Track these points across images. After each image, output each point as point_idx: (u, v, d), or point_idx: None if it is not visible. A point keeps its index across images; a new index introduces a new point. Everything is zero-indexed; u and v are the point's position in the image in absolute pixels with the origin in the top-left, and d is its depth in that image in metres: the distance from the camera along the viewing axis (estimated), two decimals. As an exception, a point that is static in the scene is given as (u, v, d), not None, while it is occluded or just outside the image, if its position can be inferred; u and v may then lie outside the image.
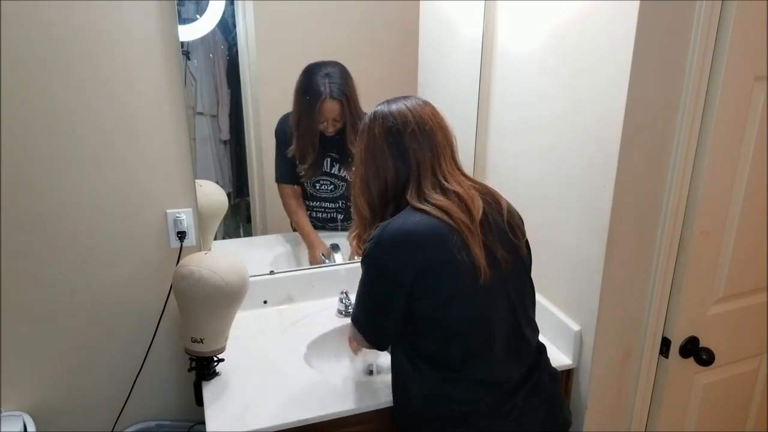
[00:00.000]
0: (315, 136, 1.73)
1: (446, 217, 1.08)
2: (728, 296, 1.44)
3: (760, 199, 1.38)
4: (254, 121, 1.75)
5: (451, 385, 1.13)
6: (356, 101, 1.70)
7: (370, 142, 1.15)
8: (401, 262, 1.08)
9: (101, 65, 1.31)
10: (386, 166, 1.14)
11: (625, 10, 1.14)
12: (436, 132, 1.14)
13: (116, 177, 1.40)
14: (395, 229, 1.09)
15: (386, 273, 1.11)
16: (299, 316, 1.64)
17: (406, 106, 1.15)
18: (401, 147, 1.13)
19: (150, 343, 1.52)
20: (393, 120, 1.13)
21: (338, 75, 1.68)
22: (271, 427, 1.21)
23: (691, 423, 1.57)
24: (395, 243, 1.09)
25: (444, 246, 1.07)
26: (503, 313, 1.14)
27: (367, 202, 1.17)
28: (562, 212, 1.42)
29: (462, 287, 1.09)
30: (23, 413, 1.43)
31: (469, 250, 1.07)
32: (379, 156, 1.14)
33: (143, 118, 1.38)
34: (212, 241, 1.65)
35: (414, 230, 1.08)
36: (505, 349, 1.14)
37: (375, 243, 1.10)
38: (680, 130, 1.23)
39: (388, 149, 1.13)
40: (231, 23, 1.64)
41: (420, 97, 1.19)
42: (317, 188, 1.82)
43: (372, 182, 1.16)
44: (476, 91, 1.66)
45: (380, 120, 1.14)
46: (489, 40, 1.62)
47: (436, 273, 1.08)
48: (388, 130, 1.13)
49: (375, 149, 1.14)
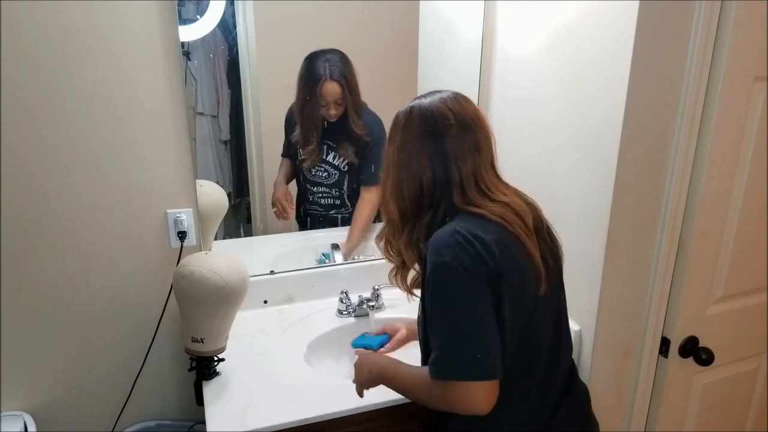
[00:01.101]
0: (317, 121, 1.74)
1: (505, 223, 0.99)
2: (728, 296, 1.44)
3: (759, 199, 1.38)
4: (254, 121, 1.75)
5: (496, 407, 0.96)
6: (356, 85, 1.71)
7: (407, 142, 1.03)
8: (477, 261, 0.93)
9: (101, 66, 1.31)
10: (423, 171, 1.01)
11: (625, 10, 1.15)
12: (479, 135, 1.03)
13: (116, 177, 1.40)
14: (458, 230, 0.95)
15: (466, 280, 0.93)
16: (299, 316, 1.64)
17: (446, 104, 1.03)
18: (441, 150, 1.01)
19: (150, 343, 1.53)
20: (433, 120, 1.01)
21: (338, 59, 1.70)
22: (271, 427, 1.21)
23: (691, 423, 1.57)
24: (465, 240, 0.94)
25: (509, 252, 0.97)
26: (551, 332, 1.06)
27: (398, 206, 1.05)
28: (562, 212, 1.42)
29: (526, 297, 0.99)
30: (23, 413, 1.43)
31: (531, 258, 0.99)
32: (415, 158, 1.02)
33: (143, 119, 1.38)
34: (212, 241, 1.65)
35: (479, 233, 0.95)
36: (547, 369, 1.06)
37: (439, 247, 0.95)
38: (680, 130, 1.23)
39: (427, 153, 1.01)
40: (231, 23, 1.64)
41: (455, 90, 1.08)
42: (313, 173, 1.83)
43: (405, 186, 1.03)
44: (476, 91, 1.66)
45: (417, 119, 1.02)
46: (489, 41, 1.62)
47: (508, 283, 0.95)
48: (427, 131, 1.02)
49: (411, 151, 1.02)
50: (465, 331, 0.93)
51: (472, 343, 0.93)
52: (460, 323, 0.94)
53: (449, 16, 1.74)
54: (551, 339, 1.07)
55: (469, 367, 0.92)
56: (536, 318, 1.02)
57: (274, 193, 1.83)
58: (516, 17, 1.51)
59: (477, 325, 0.93)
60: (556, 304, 1.10)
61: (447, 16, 1.75)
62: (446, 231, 0.97)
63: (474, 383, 0.92)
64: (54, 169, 1.35)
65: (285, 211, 1.83)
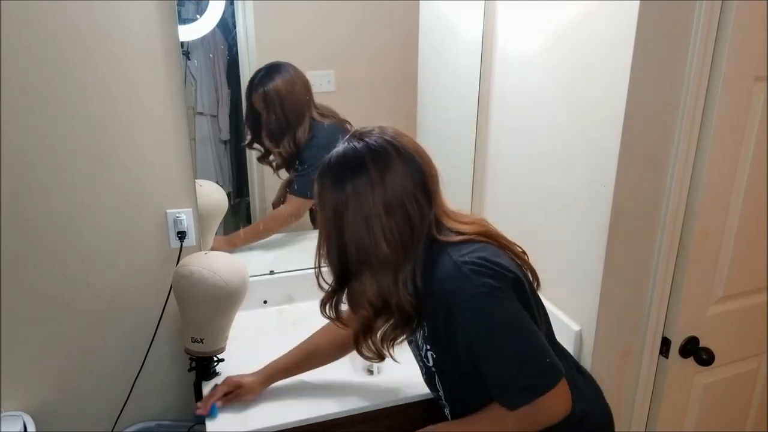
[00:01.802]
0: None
1: (487, 239, 1.00)
2: (728, 296, 1.44)
3: (760, 199, 1.38)
4: (254, 121, 1.75)
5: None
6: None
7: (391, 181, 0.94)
8: (499, 278, 0.93)
9: (101, 65, 1.31)
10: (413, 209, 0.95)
11: (625, 10, 1.14)
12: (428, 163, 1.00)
13: (116, 177, 1.40)
14: (462, 260, 0.93)
15: (500, 299, 0.92)
16: (299, 316, 1.64)
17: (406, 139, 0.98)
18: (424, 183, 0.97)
19: (150, 343, 1.52)
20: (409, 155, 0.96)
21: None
22: (271, 427, 1.21)
23: (691, 423, 1.57)
24: (477, 266, 0.92)
25: (507, 261, 0.98)
26: (547, 324, 1.11)
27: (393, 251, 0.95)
28: (562, 212, 1.42)
29: (532, 304, 1.01)
30: (23, 413, 1.43)
31: (522, 260, 1.05)
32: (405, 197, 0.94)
33: (143, 118, 1.38)
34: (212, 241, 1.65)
35: (481, 253, 0.94)
36: (568, 358, 1.15)
37: (461, 284, 0.92)
38: (680, 131, 1.23)
39: (413, 189, 0.95)
40: (231, 23, 1.64)
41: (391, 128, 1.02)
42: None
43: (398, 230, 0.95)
44: (476, 91, 1.66)
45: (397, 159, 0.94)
46: (489, 41, 1.62)
47: (524, 284, 0.98)
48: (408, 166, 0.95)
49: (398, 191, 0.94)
50: (528, 346, 0.93)
51: (539, 354, 0.93)
52: (522, 341, 0.93)
53: (449, 16, 1.74)
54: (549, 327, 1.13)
55: (547, 377, 0.93)
56: (543, 309, 1.08)
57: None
58: (516, 17, 1.51)
59: (534, 334, 0.94)
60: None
61: (447, 16, 1.75)
62: (449, 268, 0.93)
63: (556, 388, 0.93)
64: (53, 168, 1.35)
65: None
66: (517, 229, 1.59)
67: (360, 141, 0.96)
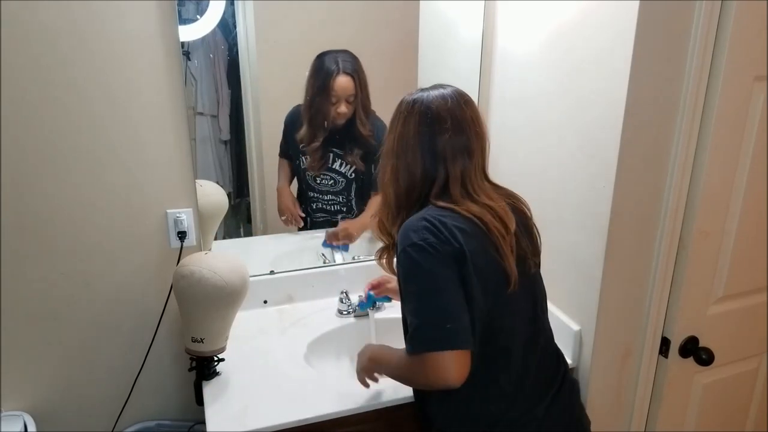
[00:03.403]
0: (326, 118, 1.73)
1: (479, 222, 1.03)
2: (728, 296, 1.44)
3: (760, 199, 1.38)
4: (254, 121, 1.75)
5: (471, 395, 1.07)
6: (366, 83, 1.71)
7: (404, 134, 1.08)
8: (443, 241, 0.99)
9: (101, 65, 1.31)
10: (416, 165, 1.07)
11: (625, 10, 1.15)
12: (472, 140, 1.08)
13: (116, 177, 1.40)
14: (426, 216, 1.02)
15: (433, 256, 0.98)
16: (299, 316, 1.64)
17: (447, 105, 1.07)
18: (433, 149, 1.06)
19: (150, 343, 1.52)
20: (430, 120, 1.06)
21: (349, 57, 1.70)
22: (271, 427, 1.21)
23: (691, 423, 1.57)
24: (431, 225, 1.00)
25: (478, 241, 1.02)
26: (525, 320, 1.11)
27: (395, 192, 1.11)
28: (562, 212, 1.42)
29: (496, 289, 1.04)
30: (23, 413, 1.43)
31: (503, 258, 1.04)
32: (410, 152, 1.07)
33: (143, 118, 1.38)
34: (212, 241, 1.65)
35: (446, 220, 1.01)
36: (523, 358, 1.10)
37: (409, 235, 1.01)
38: (680, 130, 1.23)
39: (420, 148, 1.07)
40: (231, 23, 1.64)
41: (457, 89, 1.12)
42: (318, 182, 1.83)
43: (401, 175, 1.09)
44: (476, 91, 1.66)
45: (417, 116, 1.07)
46: (489, 40, 1.63)
47: (473, 264, 1.00)
48: (423, 129, 1.06)
49: (407, 144, 1.08)
50: (435, 304, 0.99)
51: (442, 315, 0.97)
52: (430, 297, 0.99)
53: (449, 16, 1.74)
54: (526, 328, 1.11)
55: (440, 338, 0.96)
56: (506, 310, 1.06)
57: (282, 201, 1.82)
58: (516, 17, 1.51)
59: (448, 299, 0.98)
60: (531, 296, 1.14)
61: (447, 16, 1.75)
62: (414, 218, 1.04)
63: (446, 354, 0.96)
64: (54, 168, 1.35)
65: (296, 219, 1.82)
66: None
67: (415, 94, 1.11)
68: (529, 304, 1.13)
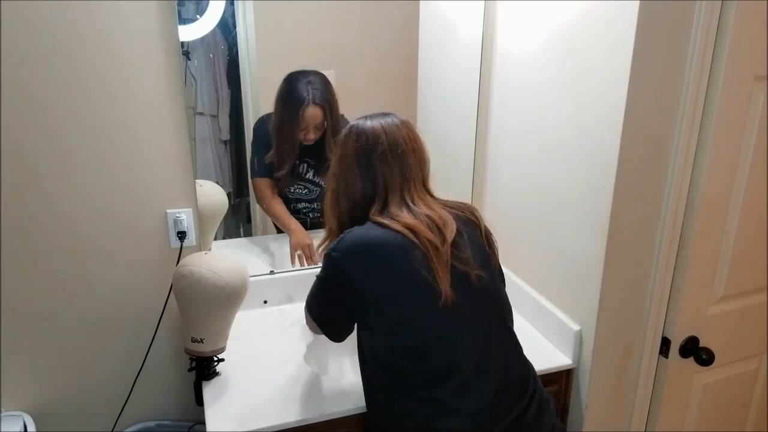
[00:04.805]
0: (295, 144, 1.71)
1: (410, 234, 1.06)
2: (728, 296, 1.44)
3: (760, 199, 1.38)
4: (254, 121, 1.75)
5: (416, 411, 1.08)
6: (337, 109, 1.70)
7: (343, 157, 1.15)
8: (357, 266, 1.08)
9: (101, 65, 1.31)
10: (355, 184, 1.14)
11: (625, 10, 1.15)
12: (408, 156, 1.13)
13: (116, 177, 1.40)
14: (357, 236, 1.09)
15: (340, 274, 1.09)
16: (299, 316, 1.63)
17: (381, 125, 1.13)
18: (370, 168, 1.12)
19: (150, 343, 1.53)
20: (366, 139, 1.13)
21: (320, 82, 1.67)
22: (271, 427, 1.21)
23: (691, 423, 1.57)
24: (354, 246, 1.08)
25: (405, 260, 1.05)
26: (473, 335, 1.09)
27: (336, 216, 1.18)
28: (562, 212, 1.42)
29: (425, 306, 1.05)
30: (23, 413, 1.43)
31: (432, 271, 1.05)
32: (349, 173, 1.14)
33: (143, 118, 1.38)
34: (212, 241, 1.66)
35: (376, 240, 1.07)
36: (476, 374, 1.07)
37: (335, 245, 1.10)
38: (680, 130, 1.23)
39: (358, 168, 1.13)
40: (231, 23, 1.64)
41: (398, 115, 1.18)
42: (293, 191, 1.82)
43: (341, 197, 1.16)
44: (476, 91, 1.66)
45: (354, 137, 1.14)
46: (489, 40, 1.62)
47: (398, 285, 1.06)
48: (359, 148, 1.13)
49: (346, 165, 1.15)
50: (324, 305, 1.20)
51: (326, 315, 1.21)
52: (318, 293, 1.20)
53: (449, 16, 1.74)
54: (475, 344, 1.08)
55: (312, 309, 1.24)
56: (443, 324, 1.06)
57: (293, 240, 1.75)
58: (516, 17, 1.51)
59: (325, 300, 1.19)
60: (482, 310, 1.11)
61: (447, 16, 1.75)
62: (345, 232, 1.11)
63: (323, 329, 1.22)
64: (54, 168, 1.35)
65: (311, 259, 1.75)
66: (517, 229, 1.60)
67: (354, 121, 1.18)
68: (478, 318, 1.10)
